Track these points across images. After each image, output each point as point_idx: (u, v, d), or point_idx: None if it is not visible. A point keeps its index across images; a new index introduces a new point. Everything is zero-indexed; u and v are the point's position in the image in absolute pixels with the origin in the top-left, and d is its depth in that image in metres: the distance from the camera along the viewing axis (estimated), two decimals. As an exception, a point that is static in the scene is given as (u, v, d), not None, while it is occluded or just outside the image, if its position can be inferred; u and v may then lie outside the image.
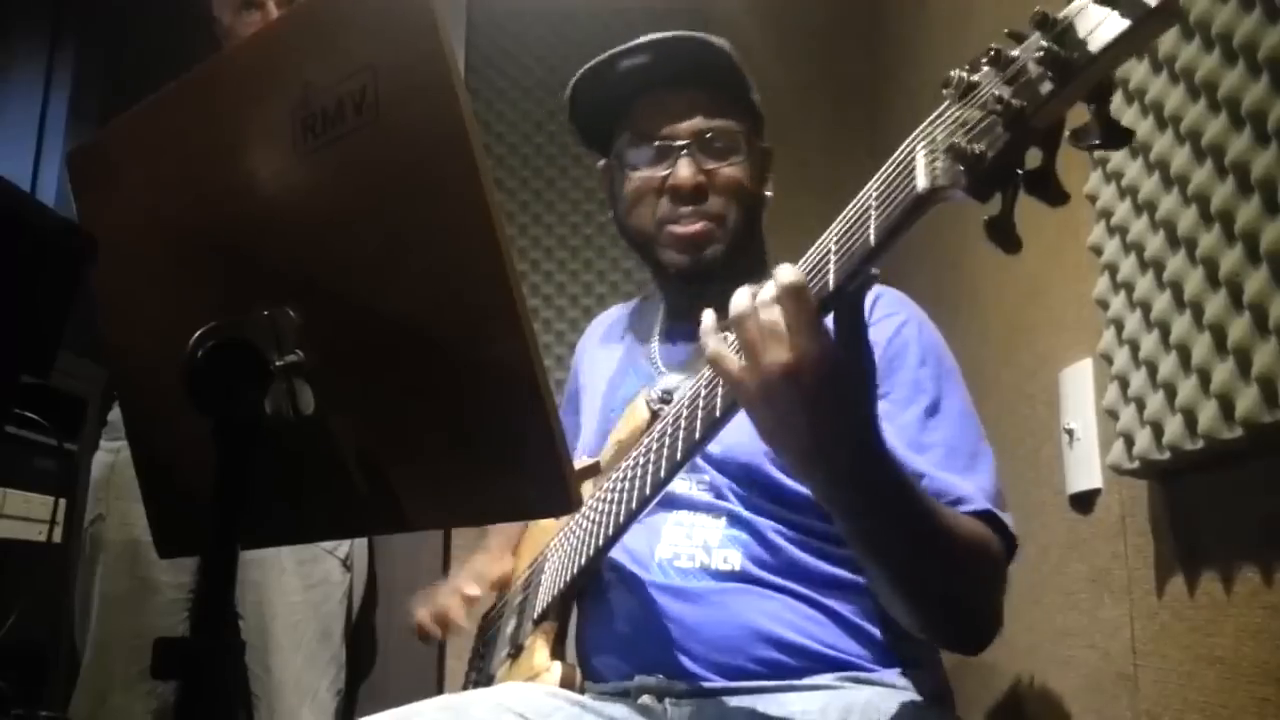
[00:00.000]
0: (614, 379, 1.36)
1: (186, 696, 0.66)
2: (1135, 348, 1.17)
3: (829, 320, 0.84)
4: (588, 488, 1.18)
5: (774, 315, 0.82)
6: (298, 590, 1.80)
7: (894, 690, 1.07)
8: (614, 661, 1.15)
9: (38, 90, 2.41)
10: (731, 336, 0.86)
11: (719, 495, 1.17)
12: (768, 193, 1.32)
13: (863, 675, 1.08)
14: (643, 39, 1.26)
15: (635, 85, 1.29)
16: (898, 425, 1.08)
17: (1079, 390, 1.38)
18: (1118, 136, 0.71)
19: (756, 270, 1.29)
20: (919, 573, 0.97)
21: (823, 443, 0.85)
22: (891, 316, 1.18)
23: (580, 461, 1.10)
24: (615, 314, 1.52)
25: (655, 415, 1.19)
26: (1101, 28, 0.67)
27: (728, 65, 1.26)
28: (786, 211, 1.39)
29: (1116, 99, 1.23)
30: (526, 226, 2.72)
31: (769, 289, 0.83)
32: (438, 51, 0.66)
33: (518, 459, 0.71)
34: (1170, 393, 1.09)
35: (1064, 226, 1.37)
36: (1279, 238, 0.91)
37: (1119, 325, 1.22)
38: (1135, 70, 1.18)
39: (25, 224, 0.75)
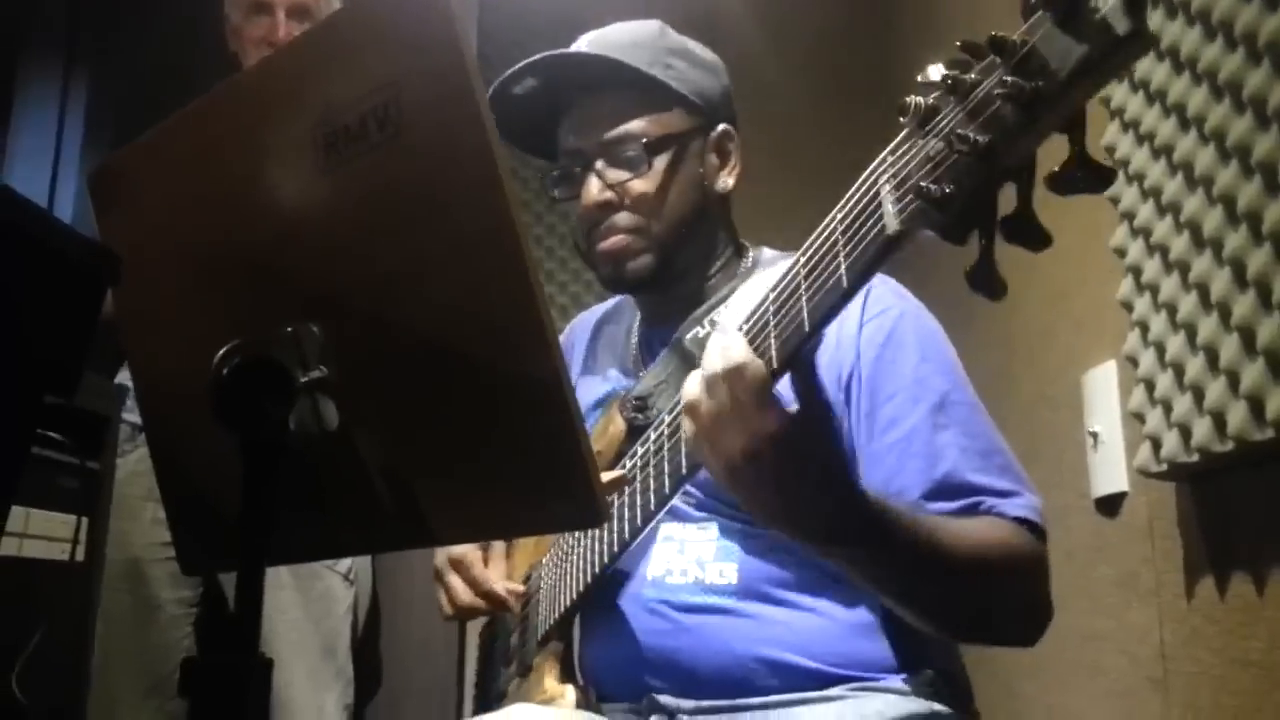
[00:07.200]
0: (592, 381, 1.32)
1: (200, 715, 0.66)
2: (1161, 350, 1.16)
3: (785, 381, 0.82)
4: None
5: (722, 398, 0.80)
6: (297, 606, 1.79)
7: (904, 697, 1.05)
8: (621, 681, 1.13)
9: (53, 110, 2.42)
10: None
11: (706, 507, 1.14)
12: (719, 186, 1.23)
13: (870, 684, 1.06)
14: (516, 67, 1.22)
15: (545, 109, 1.24)
16: (907, 428, 1.05)
17: (1103, 393, 1.37)
18: (1100, 177, 0.64)
19: (729, 265, 1.26)
20: (940, 599, 0.97)
21: (799, 512, 0.85)
22: (885, 313, 1.11)
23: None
24: (601, 310, 1.47)
25: (631, 425, 1.17)
26: (1067, 55, 0.60)
27: (618, 66, 1.18)
28: (800, 215, 1.36)
29: (1137, 101, 1.22)
30: (541, 237, 2.74)
31: (713, 360, 0.81)
32: (460, 66, 0.66)
33: (545, 473, 0.70)
34: (1198, 394, 1.08)
35: (1086, 229, 1.36)
36: (1308, 237, 0.91)
37: (1144, 327, 1.21)
38: (1156, 71, 1.17)
39: (49, 244, 0.75)
